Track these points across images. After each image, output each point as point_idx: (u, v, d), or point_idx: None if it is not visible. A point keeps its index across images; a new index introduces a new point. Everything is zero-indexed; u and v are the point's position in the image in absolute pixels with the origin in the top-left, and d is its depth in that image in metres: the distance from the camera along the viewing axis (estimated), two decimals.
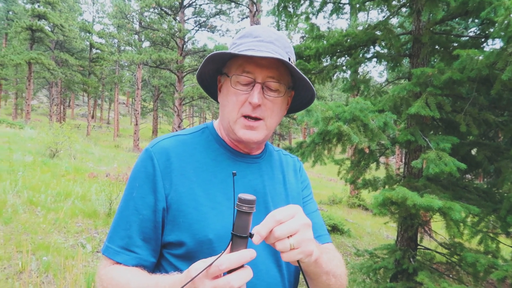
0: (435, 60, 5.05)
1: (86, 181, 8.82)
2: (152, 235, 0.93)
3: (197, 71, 1.03)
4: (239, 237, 0.69)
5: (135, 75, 30.72)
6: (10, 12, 38.86)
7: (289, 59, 0.95)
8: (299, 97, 1.09)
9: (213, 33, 24.73)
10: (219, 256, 0.68)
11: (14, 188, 6.38)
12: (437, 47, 4.66)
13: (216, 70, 1.04)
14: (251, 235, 0.70)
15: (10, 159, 8.69)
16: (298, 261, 0.77)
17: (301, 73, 0.92)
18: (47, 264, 3.91)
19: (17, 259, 3.91)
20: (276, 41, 0.96)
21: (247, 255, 0.68)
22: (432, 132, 4.26)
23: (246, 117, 0.95)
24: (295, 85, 1.03)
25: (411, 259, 4.14)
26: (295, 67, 0.91)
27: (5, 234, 4.57)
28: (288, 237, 0.71)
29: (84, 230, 5.30)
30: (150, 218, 0.93)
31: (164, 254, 0.95)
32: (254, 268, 0.93)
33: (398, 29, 6.12)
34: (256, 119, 0.96)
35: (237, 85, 0.95)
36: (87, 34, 34.83)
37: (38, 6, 27.54)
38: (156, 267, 0.97)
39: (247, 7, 18.79)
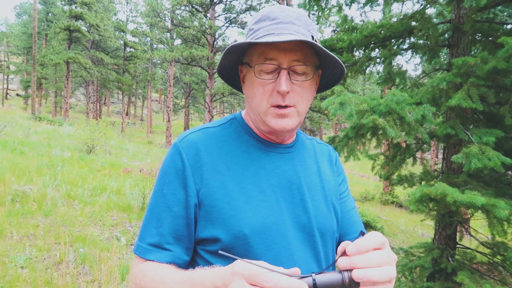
0: (476, 50, 4.80)
1: (121, 176, 9.05)
2: (185, 233, 0.89)
3: (218, 65, 0.97)
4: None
5: (167, 73, 31.30)
6: (49, 14, 40.52)
7: (312, 38, 0.88)
8: (326, 74, 1.01)
9: (243, 29, 24.74)
10: (274, 270, 0.63)
11: (54, 182, 6.63)
12: (478, 36, 4.42)
13: (236, 61, 0.98)
14: None
15: (50, 155, 9.05)
16: None
17: (327, 51, 0.84)
18: (84, 255, 4.03)
19: (55, 250, 4.05)
20: (296, 20, 0.89)
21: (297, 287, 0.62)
22: (472, 125, 4.05)
23: (276, 107, 0.90)
24: (321, 63, 0.96)
25: (450, 259, 3.97)
26: (320, 46, 0.83)
27: (45, 226, 4.75)
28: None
29: (119, 224, 5.43)
30: (182, 214, 0.89)
31: (198, 251, 0.92)
32: (293, 264, 0.88)
33: (434, 19, 5.87)
34: (287, 107, 0.89)
35: (262, 74, 0.89)
36: (121, 33, 35.82)
37: (75, 7, 28.52)
38: (190, 265, 0.93)
39: (277, 2, 18.65)
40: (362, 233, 0.66)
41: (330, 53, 0.86)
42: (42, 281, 3.34)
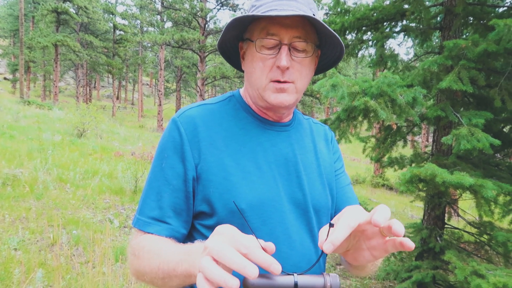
0: (468, 33, 4.82)
1: (112, 159, 9.02)
2: (184, 206, 0.91)
3: (218, 40, 0.98)
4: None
5: (158, 56, 30.92)
6: None
7: (314, 16, 0.88)
8: (325, 56, 1.03)
9: (235, 11, 24.40)
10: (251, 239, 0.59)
11: (45, 165, 6.59)
12: (470, 19, 4.43)
13: (236, 37, 0.99)
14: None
15: (40, 139, 8.95)
16: None
17: (329, 28, 0.85)
18: (77, 237, 4.05)
19: (48, 233, 4.06)
20: None
21: (272, 266, 0.55)
22: (462, 108, 4.10)
23: (275, 82, 0.91)
24: (321, 43, 0.97)
25: (438, 238, 4.06)
26: (322, 22, 0.84)
27: (37, 209, 4.74)
28: None
29: (112, 206, 5.45)
30: (181, 188, 0.90)
31: (195, 225, 0.94)
32: (288, 239, 0.91)
33: (427, 2, 5.86)
34: (286, 82, 0.91)
35: (262, 49, 0.90)
36: (111, 15, 35.11)
37: None
38: (187, 238, 0.95)
39: None
40: (331, 225, 0.61)
41: (331, 30, 0.87)
42: (36, 262, 3.36)
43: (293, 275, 0.60)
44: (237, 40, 1.01)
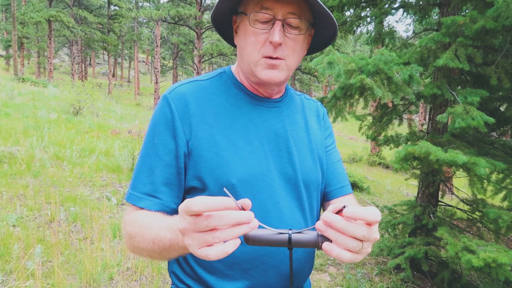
0: (467, 9, 4.76)
1: (109, 137, 9.01)
2: (175, 181, 0.92)
3: (212, 11, 0.97)
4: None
5: (153, 32, 30.41)
6: None
7: None
8: (318, 35, 1.03)
9: None
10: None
11: (41, 143, 6.58)
12: None
13: (231, 9, 0.98)
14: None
15: (36, 116, 8.90)
16: None
17: (324, 6, 0.85)
18: (75, 214, 4.09)
19: (46, 210, 4.09)
20: None
21: (244, 216, 0.60)
22: (459, 86, 4.08)
23: (267, 57, 0.91)
24: (315, 21, 0.97)
25: (431, 215, 4.13)
26: (318, 0, 0.84)
27: (34, 186, 4.76)
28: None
29: (109, 184, 5.48)
30: (172, 163, 0.92)
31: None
32: (278, 213, 0.93)
33: None
34: (277, 59, 0.91)
35: (256, 23, 0.89)
36: None
37: None
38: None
39: None
40: (344, 206, 0.64)
41: (326, 9, 0.86)
42: (34, 238, 3.40)
43: (288, 232, 0.67)
44: (231, 13, 1.00)
